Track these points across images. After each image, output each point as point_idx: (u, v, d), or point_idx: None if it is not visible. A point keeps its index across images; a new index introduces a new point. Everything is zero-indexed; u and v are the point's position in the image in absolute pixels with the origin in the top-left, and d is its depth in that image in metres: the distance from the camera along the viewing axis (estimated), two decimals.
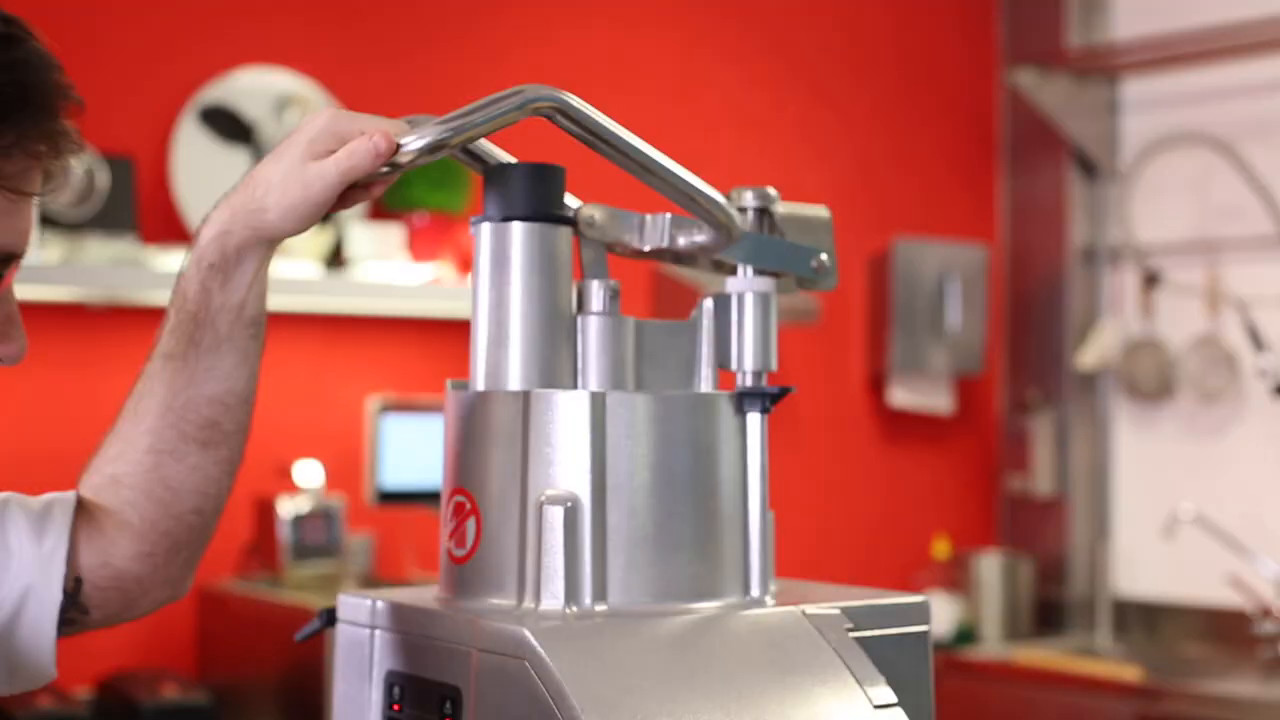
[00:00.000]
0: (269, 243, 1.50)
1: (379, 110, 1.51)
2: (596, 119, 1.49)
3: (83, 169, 3.72)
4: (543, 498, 1.46)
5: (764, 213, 1.63)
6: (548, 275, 1.54)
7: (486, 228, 1.56)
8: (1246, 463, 5.19)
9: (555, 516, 1.45)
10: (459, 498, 1.54)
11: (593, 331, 1.54)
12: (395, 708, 1.53)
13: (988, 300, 5.54)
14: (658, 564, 1.47)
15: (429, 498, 4.10)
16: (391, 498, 4.23)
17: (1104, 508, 5.58)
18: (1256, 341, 4.97)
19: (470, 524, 1.52)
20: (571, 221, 1.57)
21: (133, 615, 1.62)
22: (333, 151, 1.45)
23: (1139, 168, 5.46)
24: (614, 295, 1.56)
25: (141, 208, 3.97)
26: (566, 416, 1.47)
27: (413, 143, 1.46)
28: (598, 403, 1.47)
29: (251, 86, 4.15)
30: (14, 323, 1.39)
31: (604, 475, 1.46)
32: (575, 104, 1.48)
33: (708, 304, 1.60)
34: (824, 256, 1.64)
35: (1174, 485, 5.30)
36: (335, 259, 4.11)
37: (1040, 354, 5.67)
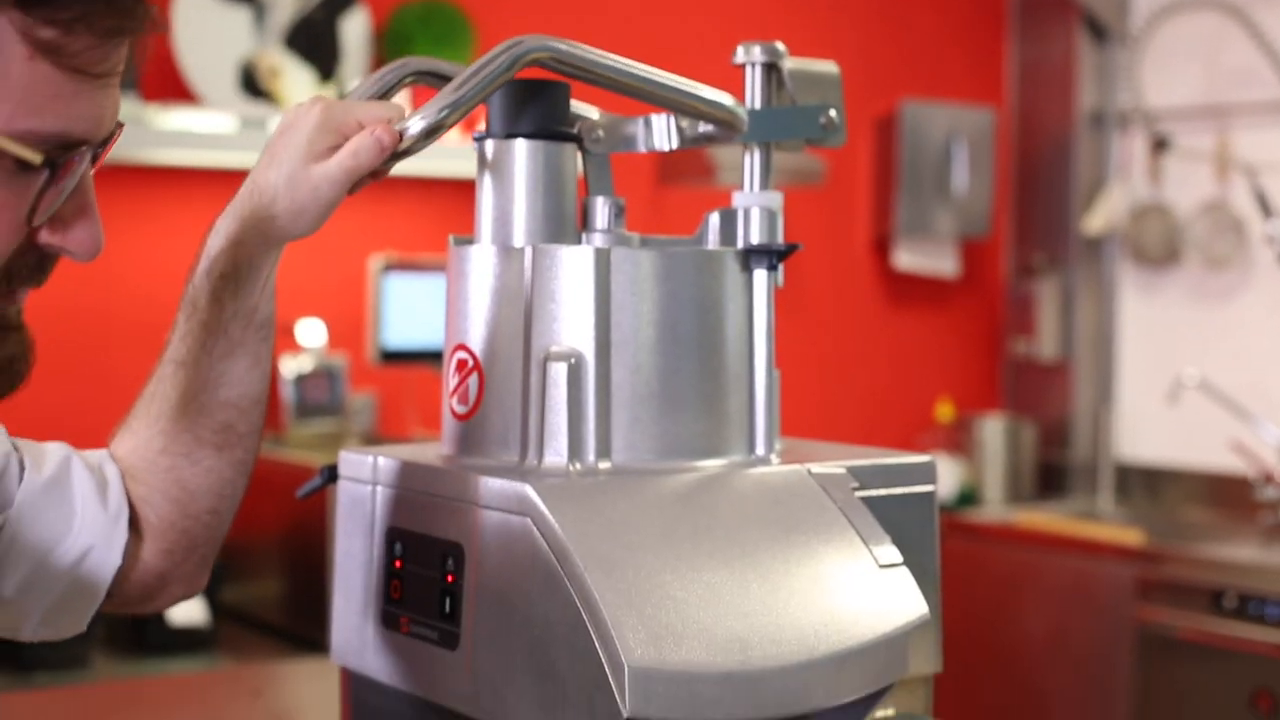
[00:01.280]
0: (279, 247, 1.47)
1: None
2: (588, 56, 1.46)
3: None
4: (546, 354, 1.45)
5: (772, 68, 1.60)
6: (552, 193, 1.52)
7: (490, 144, 1.53)
8: (1252, 329, 5.17)
9: (559, 373, 1.44)
10: (461, 354, 1.53)
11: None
12: (397, 564, 1.53)
13: (995, 163, 5.50)
14: (662, 421, 1.46)
15: (431, 357, 4.10)
16: (394, 357, 4.22)
17: (1108, 372, 5.57)
18: (1265, 208, 4.93)
19: (473, 381, 1.51)
20: (576, 137, 1.55)
21: (146, 609, 1.61)
22: (334, 147, 1.40)
23: (1149, 31, 5.40)
24: (619, 212, 1.53)
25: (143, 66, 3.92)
26: (570, 272, 1.45)
27: (414, 127, 1.41)
28: (602, 258, 1.45)
29: None
30: (88, 215, 1.26)
31: (608, 331, 1.45)
32: (564, 48, 1.45)
33: (713, 219, 1.57)
34: (833, 113, 1.62)
35: (1179, 351, 5.29)
36: None
37: (1047, 218, 5.64)
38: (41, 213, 1.20)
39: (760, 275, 1.53)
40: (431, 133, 1.41)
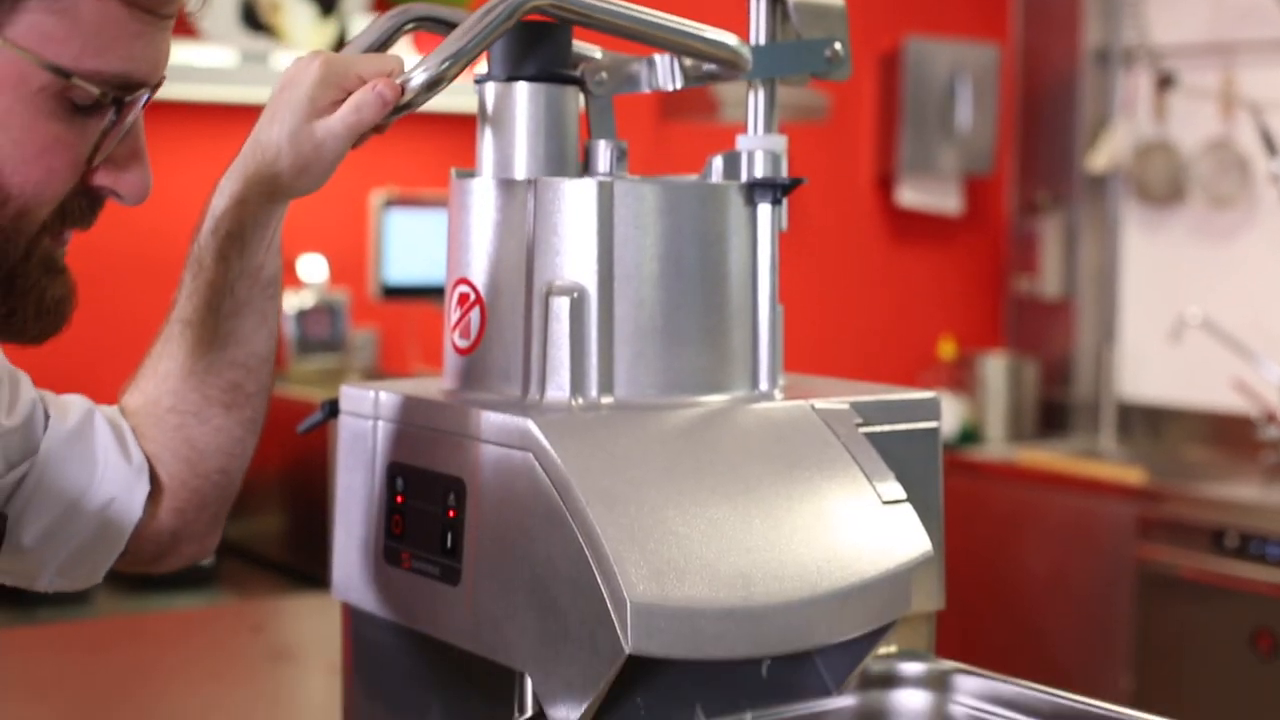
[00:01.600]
0: (284, 205, 1.46)
1: None
2: (588, 1, 1.45)
3: None
4: (549, 288, 1.44)
5: (777, 2, 1.59)
6: (554, 136, 1.51)
7: (491, 87, 1.52)
8: (1255, 268, 5.16)
9: (561, 307, 1.43)
10: (463, 288, 1.52)
11: None
12: (398, 499, 1.52)
13: (999, 100, 5.47)
14: (665, 356, 1.45)
15: (433, 293, 4.08)
16: (395, 292, 4.21)
17: (1111, 310, 5.56)
18: (1270, 146, 4.91)
19: (474, 315, 1.50)
20: (578, 80, 1.53)
21: (158, 568, 1.60)
22: (336, 102, 1.39)
23: None
24: (621, 155, 1.52)
25: None
26: (573, 205, 1.44)
27: (415, 80, 1.39)
28: (605, 191, 1.44)
29: None
30: (139, 159, 1.29)
31: (611, 266, 1.44)
32: None
33: (717, 162, 1.55)
34: (838, 46, 1.60)
35: (1182, 289, 5.28)
36: (339, 51, 4.05)
37: (1050, 155, 5.62)
38: (102, 153, 1.23)
39: (764, 210, 1.52)
40: (433, 85, 1.40)
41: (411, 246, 4.18)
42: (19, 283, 1.23)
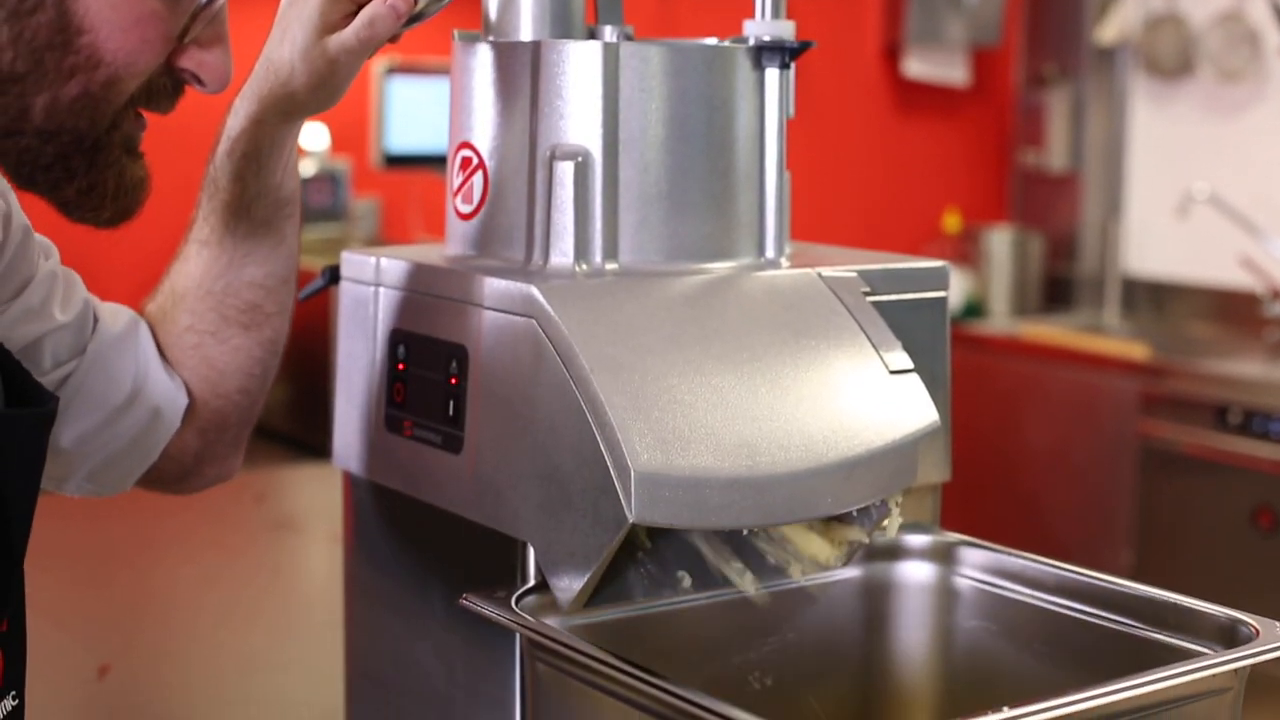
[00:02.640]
0: (300, 124, 1.45)
1: None
2: None
3: None
4: (552, 152, 1.41)
5: None
6: (559, 21, 1.47)
7: None
8: (1264, 143, 5.11)
9: (565, 171, 1.40)
10: (466, 152, 1.49)
11: None
12: (400, 367, 1.50)
13: None
14: (670, 222, 1.43)
15: (436, 162, 4.05)
16: (398, 161, 4.18)
17: (1117, 185, 5.53)
18: None
19: (477, 179, 1.48)
20: None
21: (181, 489, 1.60)
22: (347, 15, 1.36)
23: None
24: (628, 40, 1.48)
25: None
26: (578, 68, 1.42)
27: None
28: (610, 54, 1.41)
29: None
30: (223, 44, 1.27)
31: (616, 130, 1.41)
32: None
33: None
34: None
35: (1189, 164, 5.24)
36: None
37: (1059, 27, 5.56)
38: (191, 33, 1.22)
39: (772, 74, 1.49)
40: None
41: (413, 115, 4.15)
42: (102, 156, 1.22)
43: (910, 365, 1.41)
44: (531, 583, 1.35)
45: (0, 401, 1.24)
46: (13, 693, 1.25)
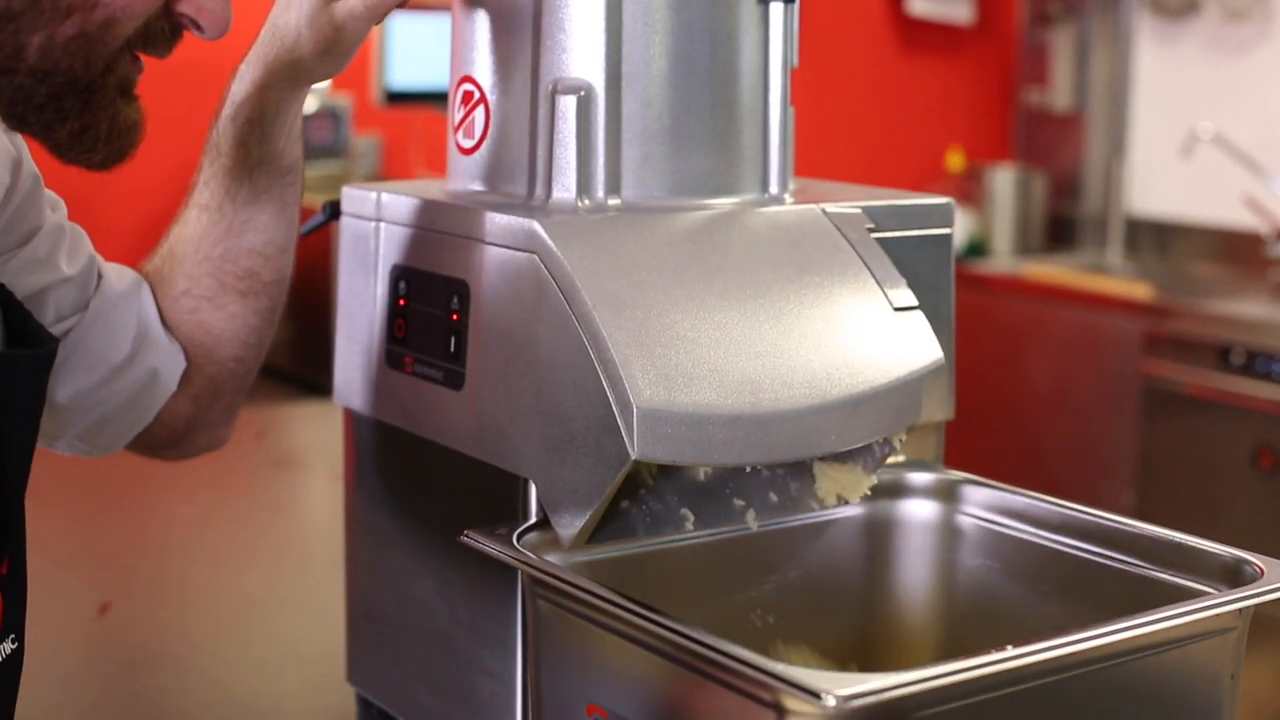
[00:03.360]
0: (306, 90, 1.43)
1: None
2: None
3: None
4: (554, 86, 1.40)
5: None
6: None
7: None
8: (1269, 83, 5.09)
9: (568, 106, 1.39)
10: (467, 86, 1.48)
11: None
12: (401, 303, 1.50)
13: None
14: (674, 157, 1.42)
15: (437, 99, 4.03)
16: (399, 98, 4.16)
17: (1122, 124, 5.50)
18: None
19: (479, 113, 1.47)
20: None
21: (173, 455, 1.59)
22: None
23: None
24: None
25: None
26: (581, 1, 1.40)
27: None
28: None
29: None
30: None
31: (619, 64, 1.40)
32: None
33: None
34: None
35: (1194, 104, 5.21)
36: None
37: None
38: None
39: (776, 9, 1.48)
40: None
41: (415, 51, 4.13)
42: (96, 98, 1.21)
43: (915, 302, 1.40)
44: (533, 519, 1.34)
45: (1, 343, 1.24)
46: (12, 636, 1.25)
